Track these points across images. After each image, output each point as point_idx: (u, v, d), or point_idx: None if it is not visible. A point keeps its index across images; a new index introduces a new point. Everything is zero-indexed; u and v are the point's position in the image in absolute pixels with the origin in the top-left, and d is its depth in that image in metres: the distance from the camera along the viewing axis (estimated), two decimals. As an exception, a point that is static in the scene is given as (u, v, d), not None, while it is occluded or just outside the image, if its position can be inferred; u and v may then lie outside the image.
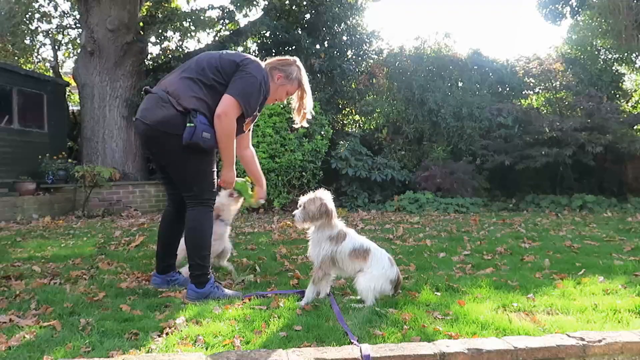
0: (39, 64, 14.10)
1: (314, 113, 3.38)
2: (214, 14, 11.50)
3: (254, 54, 11.74)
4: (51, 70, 12.83)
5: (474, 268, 3.92)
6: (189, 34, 11.88)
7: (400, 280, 2.94)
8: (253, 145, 9.58)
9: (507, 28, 38.48)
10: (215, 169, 3.13)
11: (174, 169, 3.07)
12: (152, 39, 11.53)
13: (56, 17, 13.00)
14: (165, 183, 3.35)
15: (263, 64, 3.12)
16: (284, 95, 3.26)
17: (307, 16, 11.49)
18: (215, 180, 3.14)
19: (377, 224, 6.90)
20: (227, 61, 3.00)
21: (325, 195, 2.92)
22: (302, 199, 2.93)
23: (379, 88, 11.31)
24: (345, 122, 12.25)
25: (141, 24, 10.98)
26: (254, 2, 11.48)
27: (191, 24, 11.29)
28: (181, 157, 2.97)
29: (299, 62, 3.23)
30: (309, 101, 3.27)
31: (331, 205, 2.89)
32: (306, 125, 3.38)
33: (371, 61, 11.64)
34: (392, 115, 10.78)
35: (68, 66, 14.50)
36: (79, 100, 11.15)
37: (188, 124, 2.84)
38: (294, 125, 3.47)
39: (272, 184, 8.68)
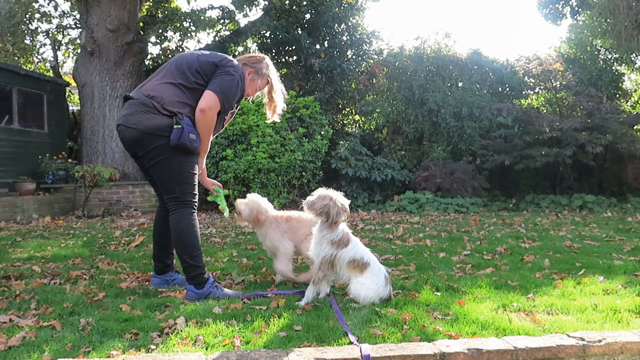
0: (39, 64, 14.10)
1: (285, 108, 3.55)
2: (214, 14, 11.52)
3: (254, 53, 11.77)
4: (51, 70, 12.83)
5: (474, 268, 3.92)
6: (189, 34, 11.89)
7: (392, 298, 2.92)
8: (253, 145, 9.58)
9: (507, 28, 38.50)
10: (197, 172, 3.16)
11: (158, 170, 3.07)
12: (152, 39, 11.54)
13: (56, 17, 13.02)
14: (153, 184, 3.36)
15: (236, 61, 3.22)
16: (254, 91, 3.37)
17: (307, 16, 11.49)
18: (197, 183, 3.17)
19: (377, 224, 6.90)
20: (206, 63, 3.10)
21: (338, 199, 2.90)
22: (319, 191, 2.95)
23: (379, 88, 11.32)
24: (345, 122, 12.26)
25: (141, 24, 10.97)
26: (254, 2, 11.49)
27: (191, 24, 11.29)
28: (166, 159, 2.99)
29: (267, 60, 3.37)
30: (279, 96, 3.38)
31: (336, 210, 2.85)
32: (277, 120, 3.51)
33: (371, 61, 11.65)
34: (392, 115, 10.78)
35: (68, 66, 14.52)
36: (79, 100, 11.15)
37: (175, 126, 2.92)
38: (266, 121, 3.56)
39: (272, 184, 8.68)
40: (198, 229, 3.12)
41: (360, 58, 11.51)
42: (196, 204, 3.14)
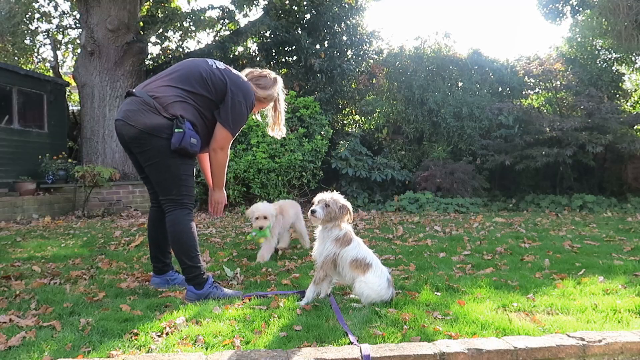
0: (39, 64, 14.10)
1: (286, 130, 3.65)
2: (214, 14, 11.51)
3: (254, 53, 11.78)
4: (51, 70, 12.83)
5: (474, 268, 3.92)
6: (189, 34, 11.89)
7: (393, 300, 2.91)
8: (253, 145, 9.55)
9: (507, 28, 38.52)
10: (194, 175, 3.18)
11: (155, 171, 3.04)
12: (152, 39, 11.53)
13: (56, 17, 13.02)
14: (147, 182, 3.33)
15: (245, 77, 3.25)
16: (259, 109, 3.49)
17: (307, 16, 11.50)
18: (194, 185, 3.18)
19: (377, 224, 6.89)
20: (219, 80, 3.08)
21: (337, 197, 2.94)
22: (323, 197, 2.91)
23: (379, 88, 11.32)
24: (345, 122, 12.26)
25: (141, 24, 10.97)
26: (254, 2, 11.48)
27: (191, 24, 11.29)
28: (165, 160, 2.98)
29: (279, 81, 3.42)
30: (282, 114, 3.49)
31: (339, 205, 2.89)
32: (279, 136, 3.58)
33: (371, 61, 11.65)
34: (392, 115, 10.78)
35: (68, 66, 14.51)
36: (79, 100, 11.15)
37: (176, 130, 2.90)
38: (271, 134, 3.59)
39: (272, 184, 8.69)
40: (195, 229, 3.11)
41: (360, 58, 11.51)
42: (192, 205, 3.14)
